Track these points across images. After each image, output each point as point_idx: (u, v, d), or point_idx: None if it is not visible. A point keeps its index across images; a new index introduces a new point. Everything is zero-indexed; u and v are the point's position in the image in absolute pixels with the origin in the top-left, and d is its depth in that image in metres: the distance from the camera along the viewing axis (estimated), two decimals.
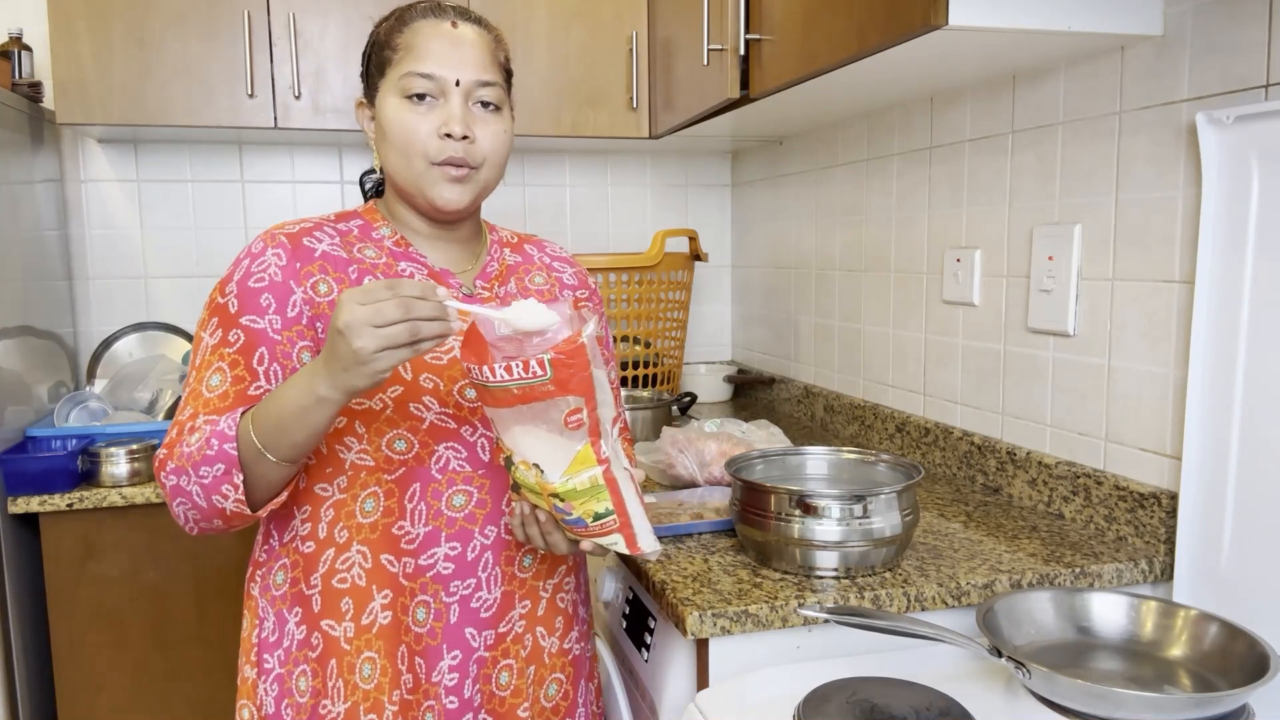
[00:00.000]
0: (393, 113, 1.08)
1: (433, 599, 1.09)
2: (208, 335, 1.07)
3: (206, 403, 1.03)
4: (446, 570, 1.10)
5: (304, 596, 1.09)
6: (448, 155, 1.07)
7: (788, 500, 1.25)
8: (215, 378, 1.04)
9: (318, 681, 1.09)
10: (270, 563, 1.13)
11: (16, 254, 2.00)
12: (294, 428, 0.95)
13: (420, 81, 1.07)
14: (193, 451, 0.99)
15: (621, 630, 1.45)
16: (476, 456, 1.11)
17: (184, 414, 1.04)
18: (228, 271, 1.09)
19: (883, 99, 1.87)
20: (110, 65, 2.06)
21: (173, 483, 1.01)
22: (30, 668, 1.92)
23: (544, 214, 2.77)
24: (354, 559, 1.08)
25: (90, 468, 1.89)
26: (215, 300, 1.08)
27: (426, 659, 1.10)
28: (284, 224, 1.12)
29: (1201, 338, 1.24)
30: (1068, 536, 1.43)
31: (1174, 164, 1.32)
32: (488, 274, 1.19)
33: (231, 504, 1.00)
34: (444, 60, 1.07)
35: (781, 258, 2.55)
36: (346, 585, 1.08)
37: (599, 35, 2.32)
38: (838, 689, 1.03)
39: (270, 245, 1.08)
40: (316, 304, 1.07)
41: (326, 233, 1.12)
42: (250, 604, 1.15)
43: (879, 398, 2.08)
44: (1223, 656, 1.06)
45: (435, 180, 1.09)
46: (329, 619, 1.08)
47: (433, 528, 1.09)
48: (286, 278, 1.06)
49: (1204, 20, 1.27)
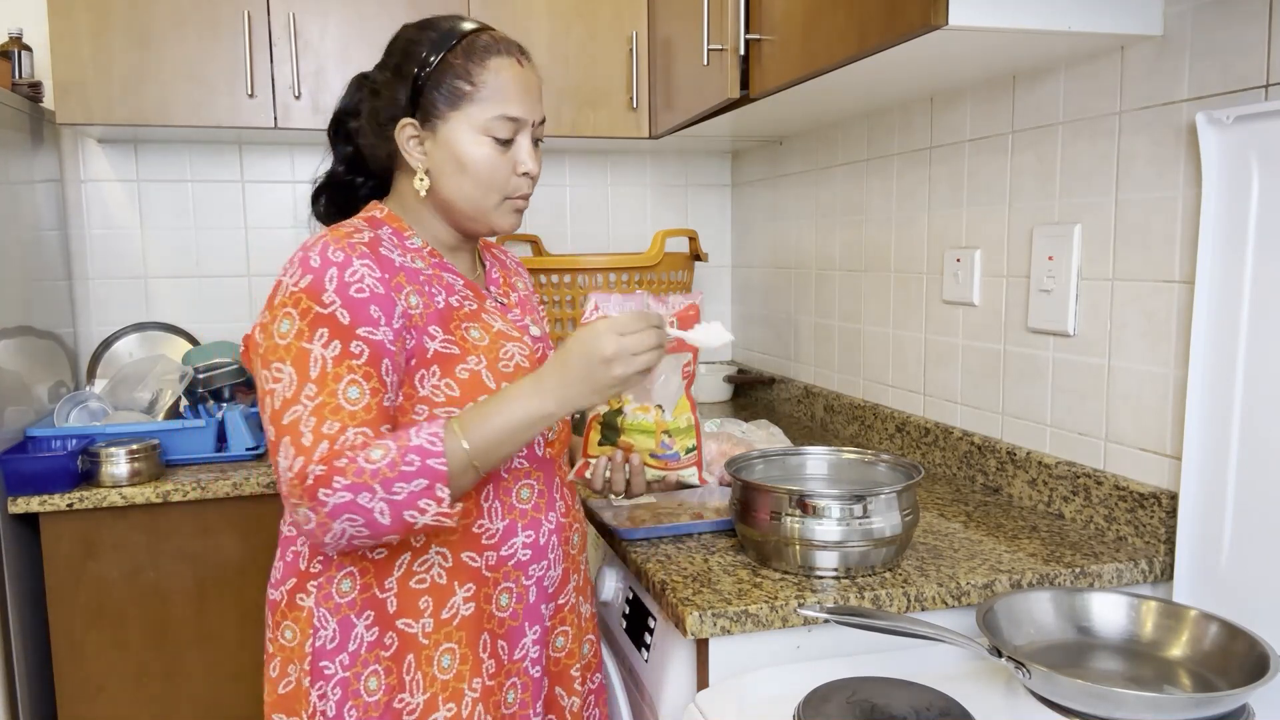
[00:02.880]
0: (474, 149, 1.14)
1: (514, 584, 1.18)
2: (319, 346, 1.03)
3: (352, 415, 1.02)
4: (525, 557, 1.19)
5: (377, 600, 1.13)
6: (522, 192, 1.18)
7: (788, 500, 1.25)
8: (353, 390, 1.03)
9: (392, 679, 1.13)
10: (329, 572, 1.13)
11: (16, 254, 2.00)
12: (512, 443, 1.05)
13: (509, 125, 1.14)
14: (381, 468, 0.98)
15: (621, 630, 1.45)
16: (533, 453, 1.21)
17: (328, 427, 1.01)
18: (307, 280, 1.05)
19: (883, 99, 1.87)
20: (110, 65, 2.06)
21: (344, 499, 0.98)
22: (30, 668, 1.92)
23: (544, 214, 2.77)
24: (432, 560, 1.13)
25: (90, 468, 1.89)
26: (314, 310, 1.04)
27: (509, 640, 1.19)
28: (344, 232, 1.10)
29: (1201, 338, 1.24)
30: (1068, 536, 1.43)
31: (1174, 164, 1.32)
32: (494, 279, 1.29)
33: (430, 517, 1.00)
34: (525, 104, 1.15)
35: (781, 258, 2.55)
36: (425, 585, 1.13)
37: (599, 35, 2.32)
38: (838, 689, 1.03)
39: (354, 255, 1.07)
40: (410, 316, 1.10)
41: (385, 243, 1.13)
42: (297, 614, 1.14)
43: (879, 398, 2.08)
44: (1223, 656, 1.06)
45: (505, 212, 1.18)
46: (405, 618, 1.13)
47: (509, 521, 1.18)
48: (387, 290, 1.08)
49: (1204, 20, 1.27)
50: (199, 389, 2.19)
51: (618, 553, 1.44)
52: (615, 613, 1.49)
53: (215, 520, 1.94)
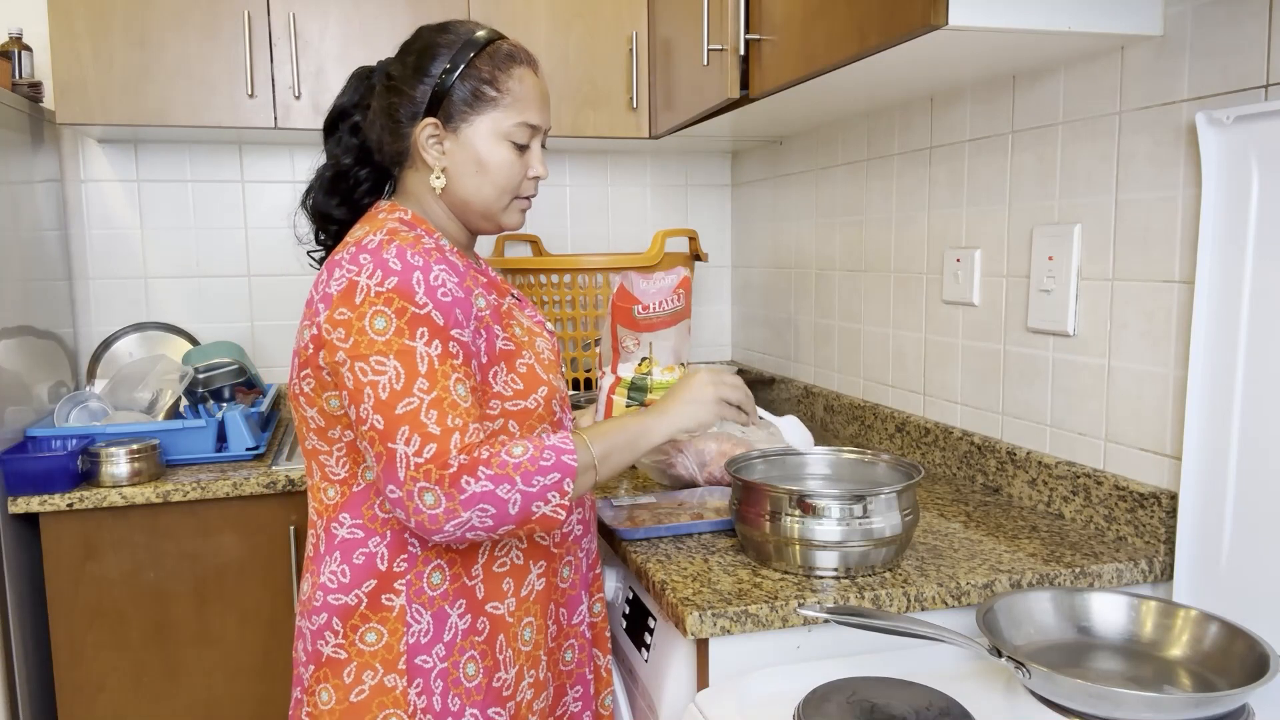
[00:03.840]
0: (495, 152, 1.19)
1: (572, 557, 1.29)
2: (423, 345, 1.07)
3: (467, 412, 1.07)
4: (579, 532, 1.30)
5: (467, 588, 1.17)
6: (530, 193, 1.25)
7: (788, 500, 1.25)
8: (460, 388, 1.08)
9: (488, 660, 1.18)
10: (416, 568, 1.15)
11: (16, 254, 2.00)
12: (626, 451, 1.18)
13: (529, 131, 1.21)
14: (523, 462, 1.05)
15: (621, 630, 1.45)
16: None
17: (453, 421, 1.05)
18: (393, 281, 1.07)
19: (883, 99, 1.87)
20: (110, 65, 2.06)
21: (485, 489, 1.03)
22: (30, 668, 1.92)
23: (544, 214, 2.77)
24: (510, 544, 1.20)
25: (90, 468, 1.89)
26: (411, 310, 1.07)
27: (569, 608, 1.29)
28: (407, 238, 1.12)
29: (1201, 338, 1.24)
30: (1068, 536, 1.43)
31: (1174, 164, 1.32)
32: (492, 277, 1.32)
33: (551, 509, 1.07)
34: (542, 112, 1.22)
35: (781, 258, 2.55)
36: (506, 568, 1.20)
37: (599, 35, 2.32)
38: (838, 689, 1.03)
39: (431, 260, 1.11)
40: (481, 318, 1.15)
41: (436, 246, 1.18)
42: (384, 615, 1.14)
43: (879, 398, 2.08)
44: (1223, 656, 1.06)
45: (514, 211, 1.25)
46: (493, 601, 1.19)
47: None
48: (466, 294, 1.13)
49: (1204, 20, 1.27)
50: (199, 389, 2.19)
51: (618, 553, 1.44)
52: (615, 613, 1.49)
53: (215, 520, 1.94)
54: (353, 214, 1.27)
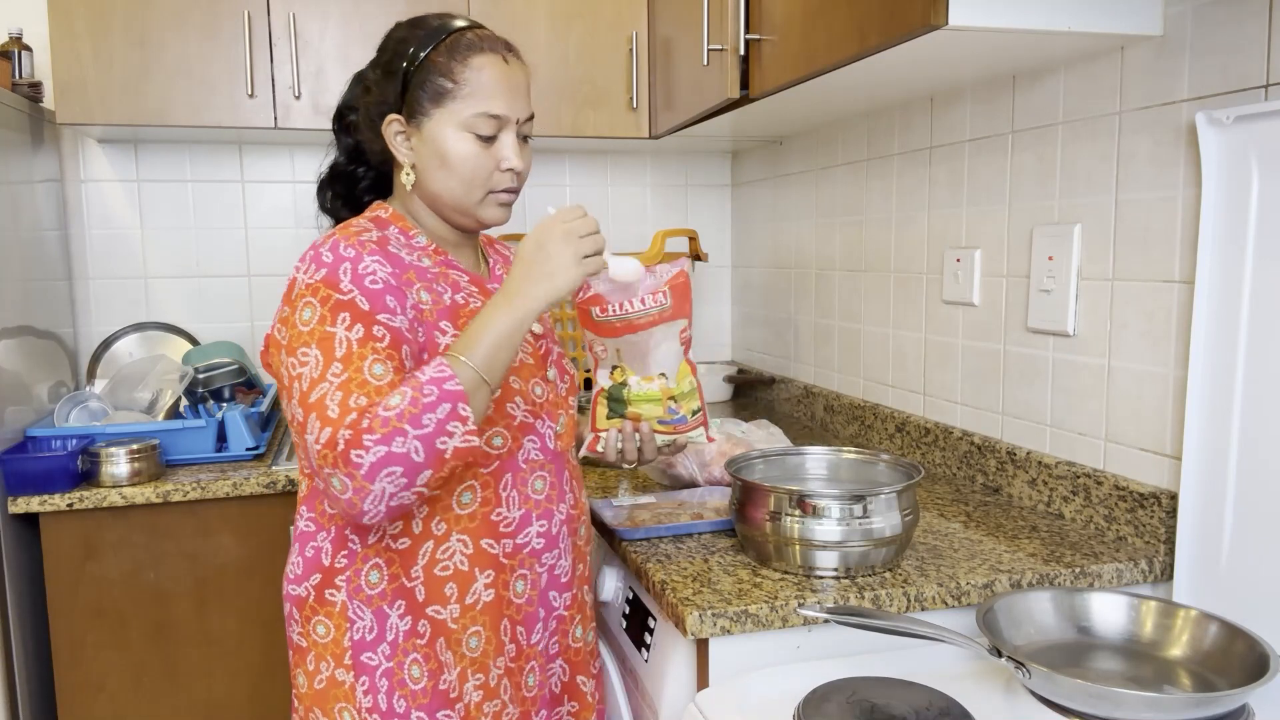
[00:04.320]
0: (457, 146, 1.16)
1: (529, 571, 1.22)
2: (343, 329, 1.06)
3: (379, 389, 1.03)
4: (539, 545, 1.23)
5: (406, 589, 1.15)
6: (505, 186, 1.20)
7: (788, 500, 1.25)
8: (378, 367, 1.05)
9: (432, 664, 1.16)
10: (356, 565, 1.16)
11: (16, 254, 2.00)
12: (506, 349, 1.07)
13: (491, 123, 1.16)
14: (404, 407, 1.00)
15: (621, 630, 1.45)
16: (546, 446, 1.25)
17: (355, 400, 1.02)
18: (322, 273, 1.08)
19: (883, 99, 1.87)
20: (110, 65, 2.06)
21: (381, 452, 0.99)
22: (30, 668, 1.92)
23: (544, 214, 2.76)
24: (454, 547, 1.17)
25: (90, 468, 1.89)
26: (335, 297, 1.07)
27: (526, 625, 1.23)
28: (352, 231, 1.13)
29: (1201, 338, 1.24)
30: (1068, 536, 1.43)
31: (1174, 164, 1.32)
32: (498, 276, 1.32)
33: (459, 439, 1.02)
34: (508, 102, 1.17)
35: (781, 258, 2.55)
36: (449, 572, 1.16)
37: (599, 35, 2.32)
38: (838, 689, 1.03)
39: (364, 252, 1.10)
40: (420, 310, 1.13)
41: (393, 242, 1.17)
42: (329, 609, 1.16)
43: (879, 398, 2.08)
44: (1223, 656, 1.06)
45: (489, 205, 1.21)
46: (434, 605, 1.16)
47: (525, 510, 1.22)
48: (399, 284, 1.11)
49: (1204, 20, 1.27)
50: (199, 389, 2.19)
51: (618, 553, 1.44)
52: (615, 613, 1.49)
53: (215, 520, 1.94)
54: (356, 212, 1.28)
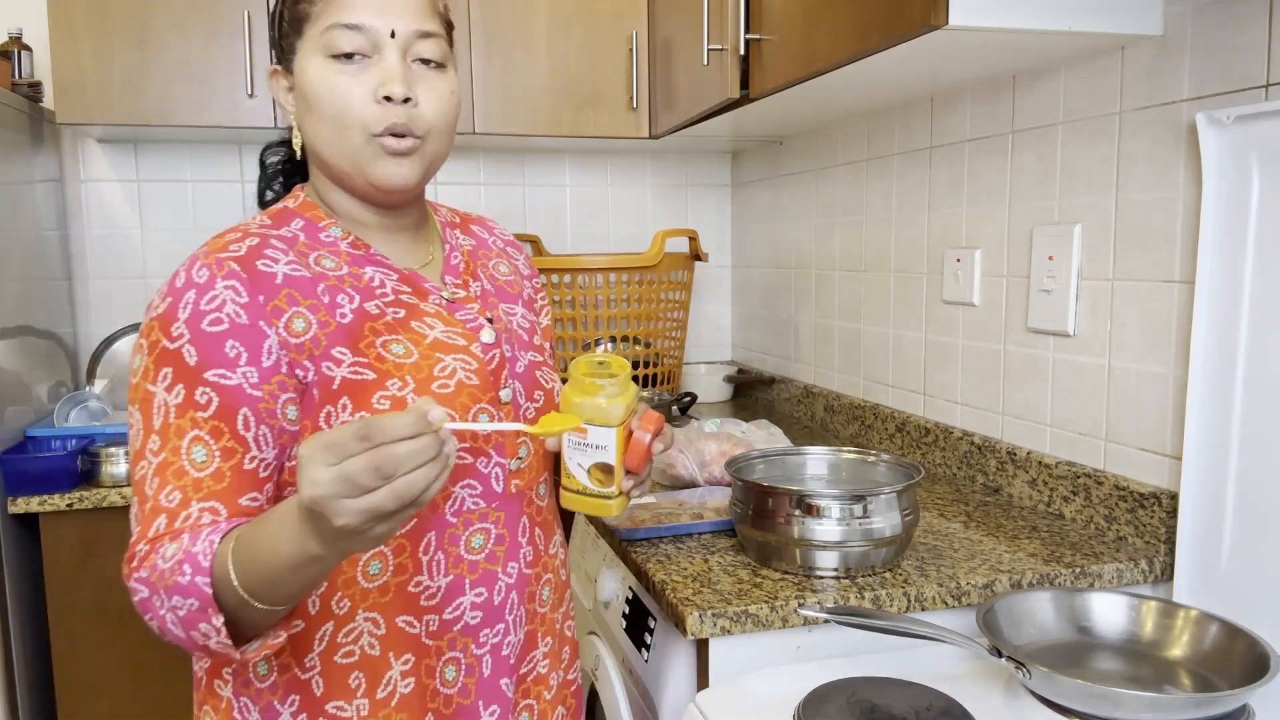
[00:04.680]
0: (317, 76, 0.92)
1: (463, 654, 0.97)
2: (161, 389, 0.86)
3: (197, 484, 0.84)
4: (474, 620, 0.98)
5: (300, 681, 0.93)
6: (389, 123, 0.91)
7: (788, 500, 1.25)
8: (198, 450, 0.84)
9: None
10: None
11: (16, 254, 2.00)
12: (288, 581, 0.77)
13: (348, 35, 0.91)
14: (166, 571, 0.79)
15: (621, 630, 1.45)
16: (491, 489, 0.99)
17: (168, 497, 0.83)
18: (164, 306, 0.88)
19: (883, 99, 1.87)
20: (110, 65, 2.06)
21: (142, 595, 0.82)
22: (30, 668, 1.92)
23: (544, 214, 2.77)
24: (360, 628, 0.93)
25: (90, 468, 1.89)
26: (160, 344, 0.86)
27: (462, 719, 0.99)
28: (223, 241, 0.92)
29: (1201, 338, 1.24)
30: (1068, 536, 1.43)
31: (1174, 164, 1.32)
32: (453, 266, 1.06)
33: (215, 644, 0.80)
34: (373, 7, 0.91)
35: (781, 258, 2.55)
36: (355, 658, 0.93)
37: (599, 35, 2.32)
38: (838, 689, 1.03)
39: (219, 274, 0.88)
40: (293, 346, 0.89)
41: (276, 247, 0.93)
42: (215, 703, 0.95)
43: (879, 398, 2.08)
44: (1223, 656, 1.06)
45: (375, 155, 0.93)
46: (337, 700, 0.93)
47: (454, 576, 0.97)
48: (253, 319, 0.88)
49: (1204, 20, 1.27)
50: None
51: (618, 553, 1.44)
52: (615, 613, 1.49)
53: None
54: None
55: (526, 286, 1.14)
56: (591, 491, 0.95)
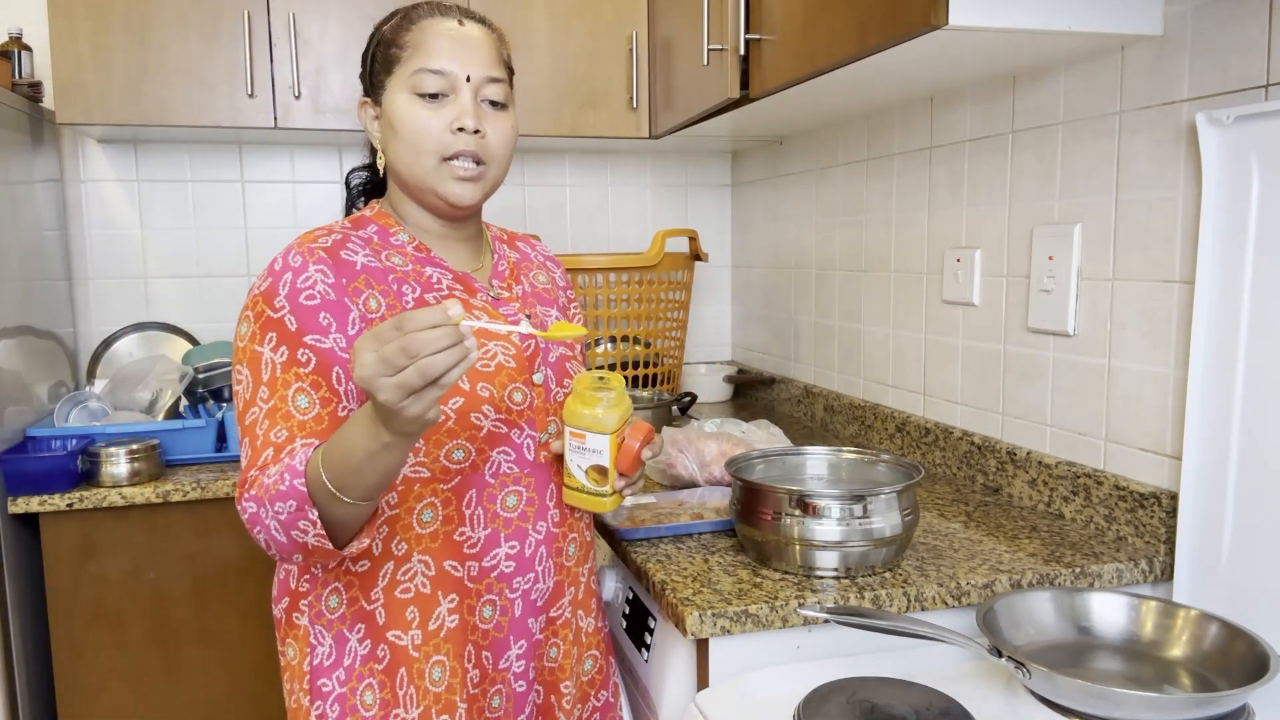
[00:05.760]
0: (404, 110, 1.11)
1: (498, 597, 1.15)
2: (268, 350, 1.04)
3: (301, 425, 1.01)
4: (508, 569, 1.15)
5: (365, 612, 1.11)
6: (459, 149, 1.11)
7: (788, 500, 1.25)
8: (301, 398, 1.02)
9: (386, 693, 1.10)
10: (317, 590, 1.13)
11: (16, 254, 2.00)
12: (367, 470, 0.92)
13: (432, 78, 1.11)
14: (270, 484, 0.96)
15: (621, 630, 1.45)
16: (523, 457, 1.16)
17: (276, 434, 1.00)
18: (266, 284, 1.06)
19: (883, 99, 1.87)
20: (110, 65, 2.06)
21: (251, 510, 0.98)
22: (30, 668, 1.92)
23: (544, 214, 2.77)
24: (416, 569, 1.10)
25: (90, 468, 1.89)
26: (265, 314, 1.05)
27: (494, 651, 1.16)
28: (312, 236, 1.11)
29: (1201, 338, 1.24)
30: (1068, 536, 1.43)
31: (1174, 164, 1.32)
32: (500, 272, 1.25)
33: (312, 539, 0.96)
34: (454, 57, 1.11)
35: (781, 258, 2.55)
36: (411, 595, 1.10)
37: (599, 35, 2.32)
38: (838, 689, 1.03)
39: (310, 260, 1.07)
40: (370, 320, 1.08)
41: (356, 243, 1.13)
42: (296, 633, 1.14)
43: (879, 398, 2.08)
44: (1223, 656, 1.06)
45: (446, 177, 1.12)
46: (395, 629, 1.10)
47: (492, 530, 1.14)
48: (340, 296, 1.06)
49: (1204, 20, 1.27)
50: (199, 389, 2.19)
51: (618, 553, 1.44)
52: (615, 613, 1.49)
53: (215, 520, 1.94)
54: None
55: (561, 295, 1.34)
56: (589, 490, 1.13)
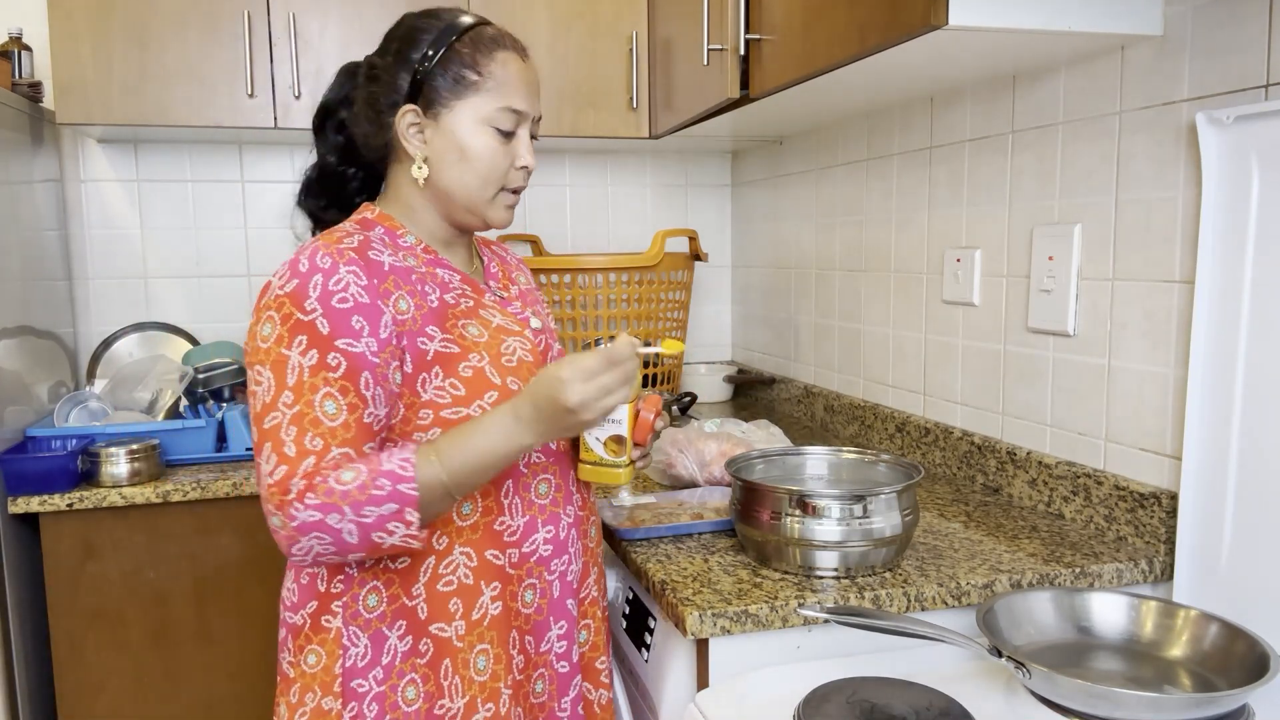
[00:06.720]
0: (478, 139, 1.14)
1: (538, 580, 1.19)
2: (297, 354, 1.03)
3: (332, 432, 1.03)
4: (546, 552, 1.19)
5: (407, 609, 1.12)
6: (518, 184, 1.19)
7: (788, 500, 1.25)
8: (329, 404, 1.03)
9: (430, 685, 1.12)
10: (353, 590, 1.12)
11: (16, 254, 2.00)
12: (491, 470, 1.06)
13: (513, 117, 1.15)
14: (351, 490, 0.99)
15: (621, 630, 1.45)
16: (548, 446, 1.20)
17: (311, 442, 1.01)
18: (293, 285, 1.05)
19: (883, 99, 1.87)
20: (110, 65, 2.06)
21: (314, 518, 0.99)
22: (30, 668, 1.92)
23: (544, 214, 2.77)
24: (457, 560, 1.13)
25: (90, 468, 1.89)
26: (294, 316, 1.04)
27: (536, 635, 1.20)
28: (335, 237, 1.11)
29: (1201, 338, 1.24)
30: (1068, 536, 1.43)
31: (1174, 164, 1.32)
32: (493, 274, 1.28)
33: (400, 538, 1.02)
34: (528, 98, 1.17)
35: (781, 258, 2.55)
36: (453, 587, 1.13)
37: (599, 35, 2.32)
38: (838, 689, 1.03)
39: (342, 262, 1.07)
40: (400, 322, 1.09)
41: (377, 244, 1.13)
42: (324, 637, 1.12)
43: (879, 398, 2.08)
44: (1223, 656, 1.06)
45: (499, 206, 1.18)
46: (439, 622, 1.12)
47: (529, 517, 1.18)
48: (373, 299, 1.07)
49: (1204, 20, 1.27)
50: (199, 389, 2.19)
51: (618, 553, 1.44)
52: (615, 613, 1.49)
53: (215, 520, 1.94)
54: (344, 215, 1.24)
55: (538, 293, 1.37)
56: (606, 461, 1.15)
